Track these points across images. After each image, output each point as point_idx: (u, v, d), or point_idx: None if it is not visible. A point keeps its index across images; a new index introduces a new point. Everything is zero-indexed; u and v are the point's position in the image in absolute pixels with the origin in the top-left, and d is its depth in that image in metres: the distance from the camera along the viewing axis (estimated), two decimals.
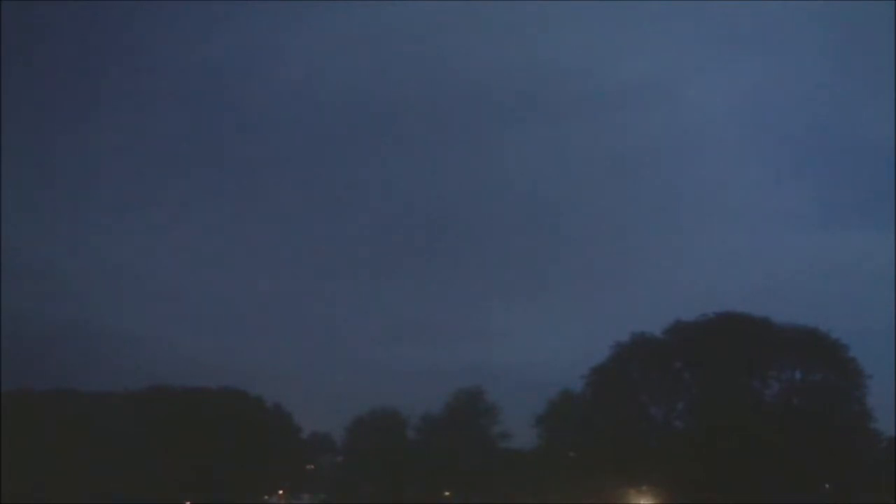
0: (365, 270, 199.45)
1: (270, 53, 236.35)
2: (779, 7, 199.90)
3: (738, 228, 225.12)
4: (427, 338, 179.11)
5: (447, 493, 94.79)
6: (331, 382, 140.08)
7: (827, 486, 68.74)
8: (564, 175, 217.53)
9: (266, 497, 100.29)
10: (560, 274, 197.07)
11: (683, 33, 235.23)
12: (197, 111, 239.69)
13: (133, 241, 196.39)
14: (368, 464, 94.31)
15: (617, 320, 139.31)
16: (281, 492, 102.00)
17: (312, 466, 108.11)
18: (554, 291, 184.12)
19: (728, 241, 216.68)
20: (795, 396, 75.65)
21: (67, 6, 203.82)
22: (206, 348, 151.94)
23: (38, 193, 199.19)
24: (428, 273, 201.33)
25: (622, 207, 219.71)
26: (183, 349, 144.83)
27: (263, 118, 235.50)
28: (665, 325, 78.62)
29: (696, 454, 65.77)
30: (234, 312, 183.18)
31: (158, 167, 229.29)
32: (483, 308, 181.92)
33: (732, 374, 73.69)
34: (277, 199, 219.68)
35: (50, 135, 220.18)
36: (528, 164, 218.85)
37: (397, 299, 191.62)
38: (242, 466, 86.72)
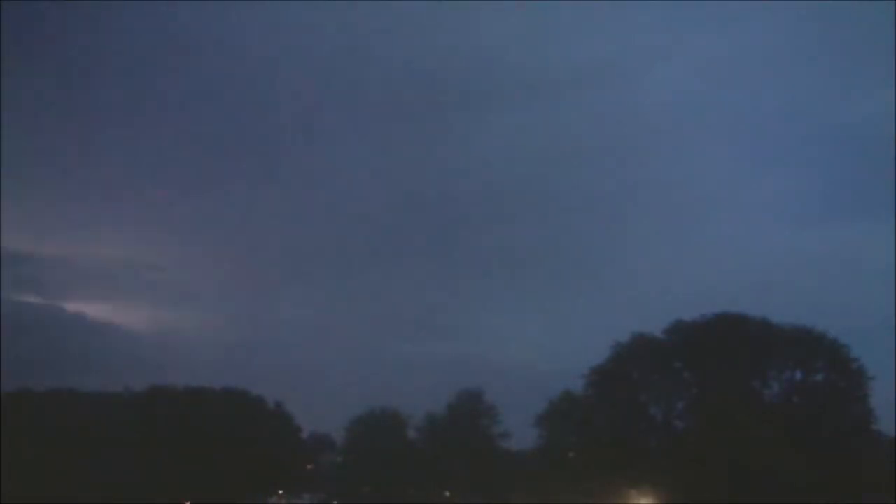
0: (365, 270, 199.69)
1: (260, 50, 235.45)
2: None
3: (738, 228, 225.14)
4: (427, 337, 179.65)
5: (447, 493, 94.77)
6: (331, 382, 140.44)
7: (827, 486, 68.52)
8: (565, 173, 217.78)
9: (266, 497, 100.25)
10: (560, 274, 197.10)
11: (638, 13, 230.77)
12: (194, 109, 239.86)
13: (133, 241, 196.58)
14: (368, 464, 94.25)
15: (617, 320, 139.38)
16: (281, 492, 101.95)
17: (312, 466, 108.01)
18: (554, 291, 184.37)
19: (728, 240, 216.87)
20: (795, 396, 75.67)
21: (67, 6, 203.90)
22: (206, 348, 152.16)
23: (39, 193, 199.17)
24: (428, 274, 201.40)
25: (623, 207, 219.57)
26: (183, 349, 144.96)
27: (259, 114, 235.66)
28: (665, 325, 78.71)
29: (696, 454, 65.71)
30: (234, 312, 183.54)
31: (159, 166, 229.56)
32: (483, 308, 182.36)
33: (732, 374, 73.68)
34: (277, 197, 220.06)
35: (50, 135, 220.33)
36: (529, 162, 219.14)
37: (398, 299, 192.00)
38: (242, 466, 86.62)
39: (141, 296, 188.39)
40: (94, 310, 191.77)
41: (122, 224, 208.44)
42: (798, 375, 76.05)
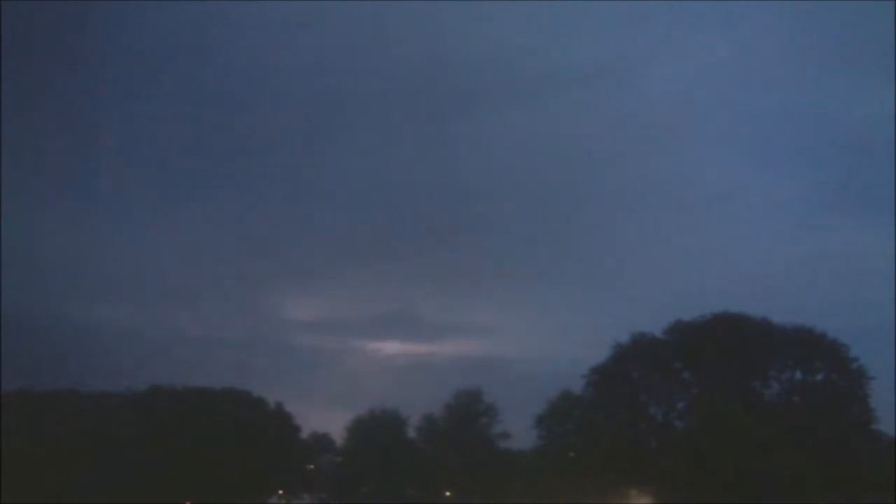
0: (364, 269, 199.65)
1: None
2: None
3: (738, 228, 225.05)
4: (427, 337, 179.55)
5: (447, 493, 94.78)
6: (331, 382, 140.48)
7: (827, 486, 68.57)
8: (565, 173, 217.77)
9: (266, 497, 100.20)
10: (560, 274, 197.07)
11: (638, 13, 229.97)
12: (194, 108, 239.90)
13: (133, 240, 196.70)
14: (368, 464, 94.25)
15: (617, 320, 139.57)
16: (281, 492, 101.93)
17: (312, 466, 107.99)
18: (554, 291, 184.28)
19: (728, 240, 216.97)
20: (796, 396, 75.73)
21: (68, 6, 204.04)
22: (206, 348, 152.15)
23: (39, 193, 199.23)
24: (427, 273, 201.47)
25: (623, 207, 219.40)
26: (183, 349, 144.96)
27: (258, 114, 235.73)
28: (665, 325, 78.88)
29: (696, 454, 65.75)
30: (234, 312, 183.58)
31: (158, 167, 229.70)
32: (483, 308, 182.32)
33: (732, 374, 73.78)
34: (277, 197, 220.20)
35: (50, 134, 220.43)
36: (528, 162, 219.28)
37: (398, 299, 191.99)
38: (242, 466, 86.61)
39: (141, 296, 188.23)
40: (95, 310, 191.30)
41: (122, 223, 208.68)
42: (798, 375, 76.19)
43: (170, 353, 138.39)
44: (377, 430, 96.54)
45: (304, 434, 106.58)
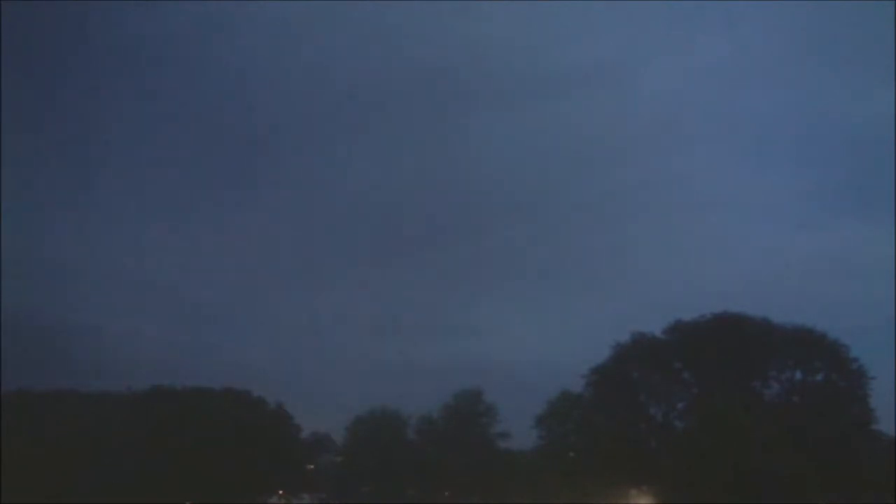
0: (365, 270, 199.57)
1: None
2: None
3: (737, 228, 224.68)
4: (427, 337, 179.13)
5: (447, 493, 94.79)
6: (331, 382, 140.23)
7: (827, 486, 68.59)
8: (564, 173, 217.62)
9: (266, 497, 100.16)
10: (560, 274, 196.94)
11: (637, 13, 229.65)
12: (194, 109, 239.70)
13: (133, 241, 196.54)
14: (368, 464, 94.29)
15: (617, 320, 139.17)
16: (281, 492, 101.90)
17: (312, 466, 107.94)
18: (554, 291, 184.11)
19: (727, 240, 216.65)
20: (795, 396, 75.76)
21: (68, 6, 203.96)
22: (206, 348, 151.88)
23: (39, 193, 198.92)
24: (427, 273, 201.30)
25: (623, 207, 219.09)
26: (183, 349, 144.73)
27: (252, 115, 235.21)
28: (665, 325, 78.90)
29: (696, 454, 65.80)
30: (234, 312, 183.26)
31: (157, 167, 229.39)
32: (483, 308, 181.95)
33: (732, 374, 73.79)
34: (276, 197, 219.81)
35: (51, 133, 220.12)
36: (528, 162, 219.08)
37: (398, 299, 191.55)
38: (242, 466, 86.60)
39: (142, 296, 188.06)
40: (95, 310, 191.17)
41: (121, 224, 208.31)
42: (798, 375, 76.23)
43: (170, 353, 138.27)
44: (377, 430, 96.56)
45: (304, 434, 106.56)
